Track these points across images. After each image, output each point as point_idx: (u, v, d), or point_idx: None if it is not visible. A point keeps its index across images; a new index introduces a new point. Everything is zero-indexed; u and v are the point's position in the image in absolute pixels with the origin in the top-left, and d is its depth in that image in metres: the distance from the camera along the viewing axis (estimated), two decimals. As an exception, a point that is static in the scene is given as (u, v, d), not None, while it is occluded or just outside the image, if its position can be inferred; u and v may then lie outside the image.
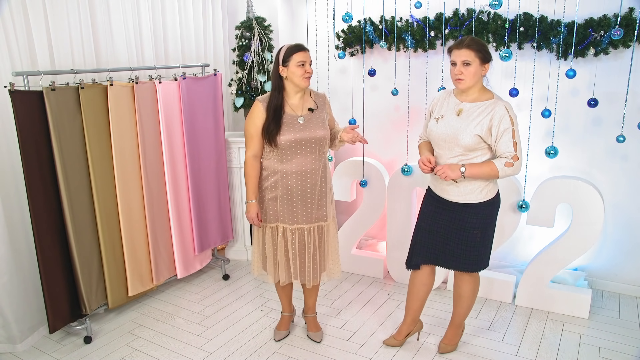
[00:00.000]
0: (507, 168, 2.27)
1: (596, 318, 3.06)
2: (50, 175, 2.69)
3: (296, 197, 2.53)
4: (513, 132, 2.26)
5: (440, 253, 2.52)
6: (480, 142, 2.31)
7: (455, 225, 2.44)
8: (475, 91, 2.36)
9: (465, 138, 2.30)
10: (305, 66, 2.44)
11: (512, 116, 2.28)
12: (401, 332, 2.79)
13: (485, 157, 2.35)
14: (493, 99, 2.34)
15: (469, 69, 2.28)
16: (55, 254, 2.74)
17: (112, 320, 3.13)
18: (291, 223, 2.56)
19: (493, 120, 2.27)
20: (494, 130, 2.27)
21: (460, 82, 2.32)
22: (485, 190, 2.38)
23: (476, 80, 2.31)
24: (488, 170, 2.29)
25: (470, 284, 2.57)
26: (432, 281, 2.67)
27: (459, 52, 2.29)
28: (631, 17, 2.85)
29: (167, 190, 3.30)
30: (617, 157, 3.21)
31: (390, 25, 3.54)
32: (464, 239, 2.44)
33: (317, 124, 2.51)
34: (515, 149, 2.27)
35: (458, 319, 2.68)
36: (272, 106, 2.48)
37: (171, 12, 3.67)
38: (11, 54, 2.67)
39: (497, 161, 2.29)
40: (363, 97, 3.74)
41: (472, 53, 2.26)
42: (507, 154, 2.27)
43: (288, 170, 2.50)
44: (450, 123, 2.36)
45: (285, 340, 2.90)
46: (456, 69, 2.30)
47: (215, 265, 3.86)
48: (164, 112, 3.20)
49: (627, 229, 3.27)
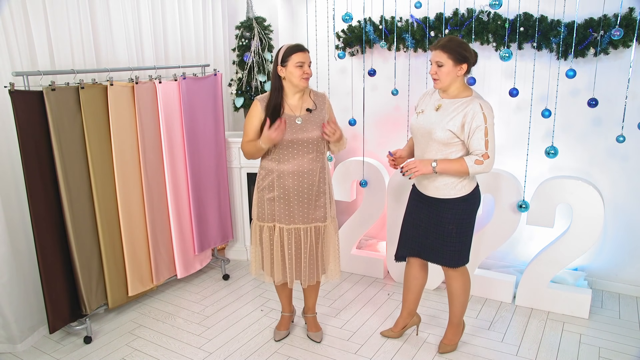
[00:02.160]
0: (477, 166, 2.31)
1: (596, 318, 3.06)
2: (50, 175, 2.69)
3: (293, 198, 2.53)
4: (486, 130, 2.30)
5: (423, 246, 2.61)
6: (454, 137, 2.35)
7: (433, 219, 2.51)
8: (455, 89, 2.41)
9: (438, 132, 2.36)
10: (304, 67, 2.43)
11: (487, 114, 2.31)
12: (398, 324, 2.87)
13: (461, 153, 2.39)
14: (471, 96, 2.39)
15: (442, 70, 2.34)
16: (55, 254, 2.74)
17: (112, 320, 3.13)
18: (288, 223, 2.56)
19: (466, 117, 2.32)
20: (467, 126, 2.32)
21: (435, 82, 2.40)
22: (459, 185, 2.42)
23: (450, 79, 2.36)
24: (458, 166, 2.33)
25: (458, 280, 2.60)
26: (423, 275, 2.74)
27: (433, 53, 2.38)
28: (631, 17, 2.85)
29: (167, 190, 3.30)
30: (617, 157, 3.21)
31: (390, 25, 3.54)
32: (440, 234, 2.50)
33: (315, 124, 2.51)
34: (487, 147, 2.30)
35: (454, 318, 2.71)
36: (271, 106, 2.48)
37: (171, 12, 3.67)
38: (11, 54, 2.67)
39: (468, 158, 2.33)
40: (363, 97, 3.75)
41: (445, 55, 2.32)
42: (478, 152, 2.32)
43: (285, 170, 2.50)
44: (428, 118, 2.43)
45: (285, 340, 2.90)
46: (432, 69, 2.38)
47: (215, 265, 3.86)
48: (164, 112, 3.20)
49: (627, 229, 3.27)
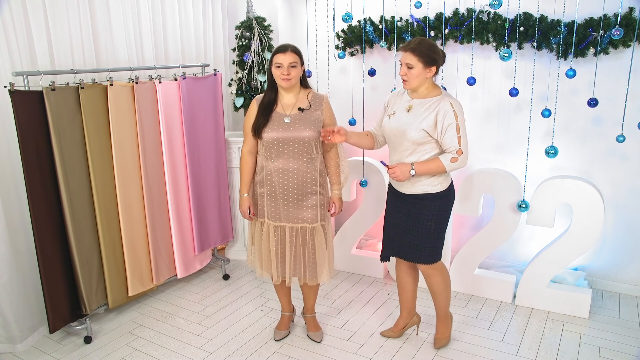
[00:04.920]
0: (453, 163, 2.39)
1: (596, 318, 3.06)
2: (50, 175, 2.69)
3: (279, 195, 2.56)
4: (457, 127, 2.36)
5: (401, 245, 2.64)
6: (427, 136, 2.41)
7: (412, 217, 2.55)
8: (424, 89, 2.46)
9: (412, 133, 2.41)
10: (282, 68, 2.45)
11: (457, 112, 2.37)
12: (398, 324, 2.89)
13: (434, 151, 2.45)
14: (440, 95, 2.44)
15: (412, 72, 2.38)
16: (55, 254, 2.74)
17: (112, 320, 3.13)
18: (274, 220, 2.60)
19: (438, 115, 2.37)
20: (439, 125, 2.38)
21: (404, 83, 2.44)
22: (436, 182, 2.49)
23: (420, 81, 2.41)
24: (435, 167, 2.41)
25: (438, 277, 2.65)
26: (413, 273, 2.77)
27: (403, 55, 2.40)
28: (631, 17, 2.84)
29: (167, 190, 3.30)
30: (617, 157, 3.21)
31: (390, 25, 3.54)
32: (418, 231, 2.54)
33: (304, 124, 2.51)
34: (460, 144, 2.37)
35: (441, 311, 2.77)
36: (264, 103, 2.56)
37: (171, 12, 3.67)
38: (11, 54, 2.67)
39: (443, 157, 2.40)
40: (363, 97, 3.74)
41: (415, 57, 2.36)
42: (452, 149, 2.39)
43: (272, 167, 2.54)
44: (400, 119, 2.47)
45: (285, 340, 2.90)
46: (401, 70, 2.42)
47: (215, 265, 3.86)
48: (164, 112, 3.20)
49: (627, 229, 3.27)
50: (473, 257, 3.30)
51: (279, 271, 2.65)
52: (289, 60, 2.45)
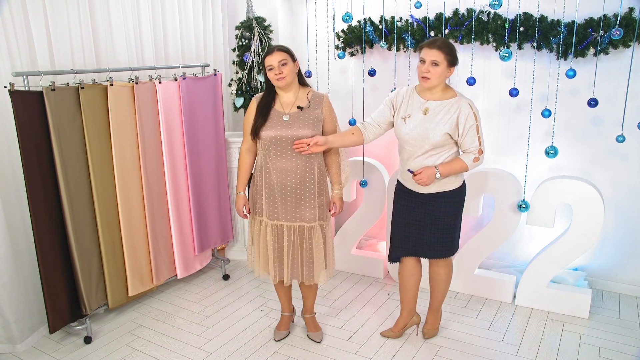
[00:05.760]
0: (475, 162, 2.47)
1: (596, 318, 3.06)
2: (50, 175, 2.69)
3: (277, 194, 2.56)
4: (477, 127, 2.43)
5: (418, 244, 2.66)
6: (449, 139, 2.46)
7: (430, 215, 2.58)
8: (439, 90, 2.47)
9: (435, 137, 2.43)
10: (274, 70, 2.47)
11: (476, 112, 2.43)
12: (398, 324, 2.90)
13: (452, 151, 2.50)
14: (456, 96, 2.46)
15: (437, 69, 2.38)
16: (55, 254, 2.74)
17: (112, 320, 3.13)
18: (272, 219, 2.60)
19: (460, 117, 2.41)
20: (461, 127, 2.42)
21: (425, 81, 2.43)
22: (453, 178, 2.53)
23: (441, 80, 2.43)
24: (458, 167, 2.48)
25: (446, 268, 2.73)
26: (419, 271, 2.78)
27: (429, 52, 2.38)
28: (631, 17, 2.85)
29: (167, 190, 3.30)
30: (617, 157, 3.21)
31: (390, 25, 3.54)
32: (439, 227, 2.59)
33: (303, 123, 2.51)
34: (480, 143, 2.45)
35: (437, 303, 2.83)
36: (262, 102, 2.57)
37: (171, 12, 3.67)
38: (11, 54, 2.67)
39: (465, 157, 2.47)
40: (363, 97, 3.74)
41: (442, 55, 2.37)
42: (472, 149, 2.45)
43: (270, 166, 2.55)
44: (422, 124, 2.47)
45: (285, 340, 2.90)
46: (424, 66, 2.40)
47: (215, 265, 3.86)
48: (164, 112, 3.20)
49: (627, 229, 3.27)
50: (473, 257, 3.30)
51: (277, 270, 2.65)
52: (278, 60, 2.46)
